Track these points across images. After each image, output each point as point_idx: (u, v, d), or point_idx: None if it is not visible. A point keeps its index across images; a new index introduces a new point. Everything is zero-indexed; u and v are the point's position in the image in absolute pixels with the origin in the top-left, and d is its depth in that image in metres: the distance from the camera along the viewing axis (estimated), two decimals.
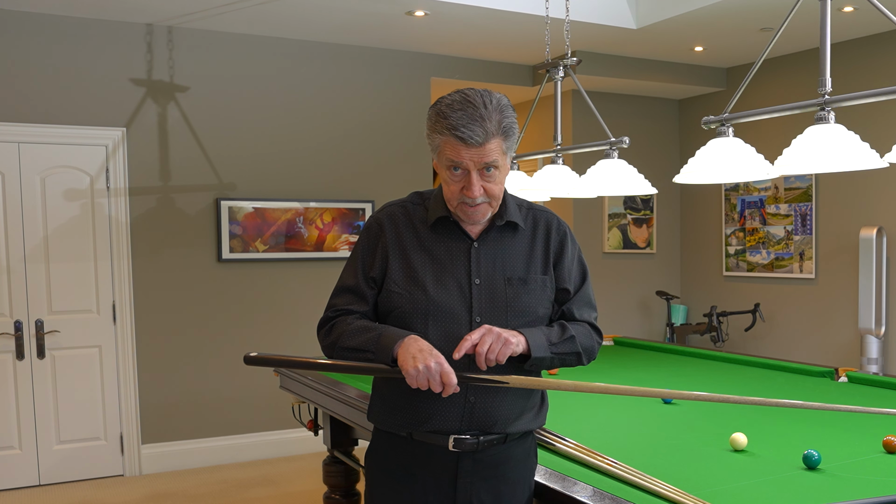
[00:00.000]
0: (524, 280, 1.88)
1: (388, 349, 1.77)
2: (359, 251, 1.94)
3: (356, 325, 1.86)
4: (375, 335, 1.81)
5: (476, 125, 1.73)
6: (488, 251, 1.88)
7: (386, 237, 1.90)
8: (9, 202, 4.73)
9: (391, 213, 1.94)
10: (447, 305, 1.83)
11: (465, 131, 1.73)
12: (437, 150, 1.81)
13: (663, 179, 6.29)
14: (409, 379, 1.72)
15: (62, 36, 4.82)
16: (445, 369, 1.72)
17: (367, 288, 1.90)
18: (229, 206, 5.26)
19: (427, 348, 1.74)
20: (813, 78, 2.83)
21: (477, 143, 1.74)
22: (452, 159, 1.77)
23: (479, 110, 1.74)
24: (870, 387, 3.18)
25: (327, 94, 5.57)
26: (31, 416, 4.80)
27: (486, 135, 1.74)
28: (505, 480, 1.90)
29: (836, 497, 1.83)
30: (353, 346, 1.83)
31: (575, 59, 3.87)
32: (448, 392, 1.74)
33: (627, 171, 3.66)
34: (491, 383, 1.79)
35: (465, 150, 1.75)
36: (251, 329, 5.37)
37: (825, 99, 2.52)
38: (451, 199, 1.83)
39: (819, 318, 5.97)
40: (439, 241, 1.89)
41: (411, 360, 1.71)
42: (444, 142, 1.77)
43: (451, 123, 1.74)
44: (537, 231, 1.94)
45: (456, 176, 1.80)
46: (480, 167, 1.77)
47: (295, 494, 4.64)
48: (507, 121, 1.78)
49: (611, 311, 6.69)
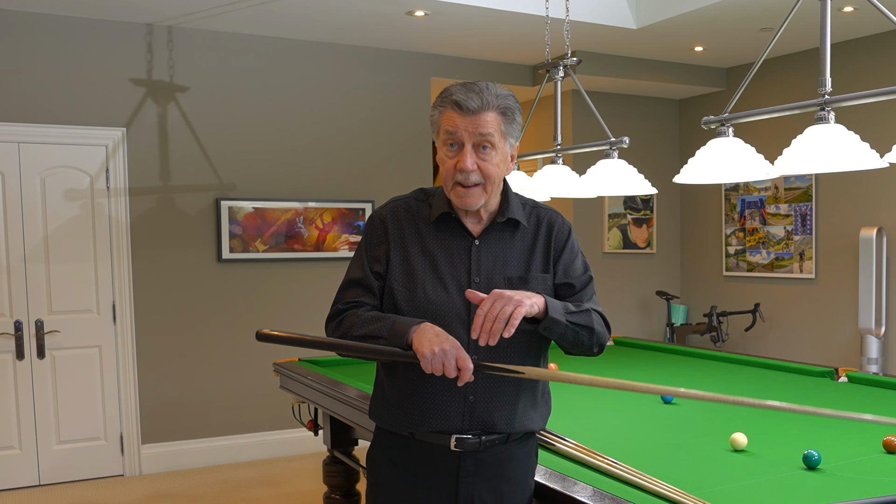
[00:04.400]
0: (524, 279, 1.88)
1: (402, 334, 1.75)
2: (363, 246, 1.94)
3: (368, 315, 1.85)
4: (389, 322, 1.80)
5: (473, 94, 1.78)
6: (489, 249, 1.88)
7: (389, 233, 1.90)
8: (9, 202, 4.73)
9: (394, 208, 1.94)
10: (445, 305, 1.83)
11: (460, 97, 1.78)
12: (437, 129, 1.83)
13: (663, 179, 6.29)
14: (424, 362, 1.70)
15: (62, 36, 4.82)
16: (461, 354, 1.70)
17: (374, 281, 1.90)
18: (229, 206, 5.26)
19: (443, 333, 1.73)
20: (813, 78, 2.84)
21: (472, 110, 1.77)
22: (447, 129, 1.80)
23: (480, 86, 1.81)
24: (870, 387, 3.18)
25: (327, 94, 5.57)
26: (31, 416, 4.80)
27: (483, 104, 1.77)
28: (506, 480, 1.90)
29: (836, 497, 1.83)
30: (365, 333, 1.81)
31: (575, 59, 3.87)
32: (464, 378, 1.70)
33: (627, 171, 3.66)
34: (507, 372, 1.76)
35: (461, 118, 1.77)
36: (251, 329, 5.37)
37: (825, 99, 2.52)
38: (447, 181, 1.83)
39: (819, 318, 5.97)
40: (441, 238, 1.88)
41: (427, 344, 1.69)
42: (442, 114, 1.81)
43: (450, 93, 1.80)
44: (540, 229, 1.93)
45: (451, 152, 1.81)
46: (475, 139, 1.78)
47: (295, 494, 4.64)
48: (505, 102, 1.81)
49: (611, 311, 6.69)
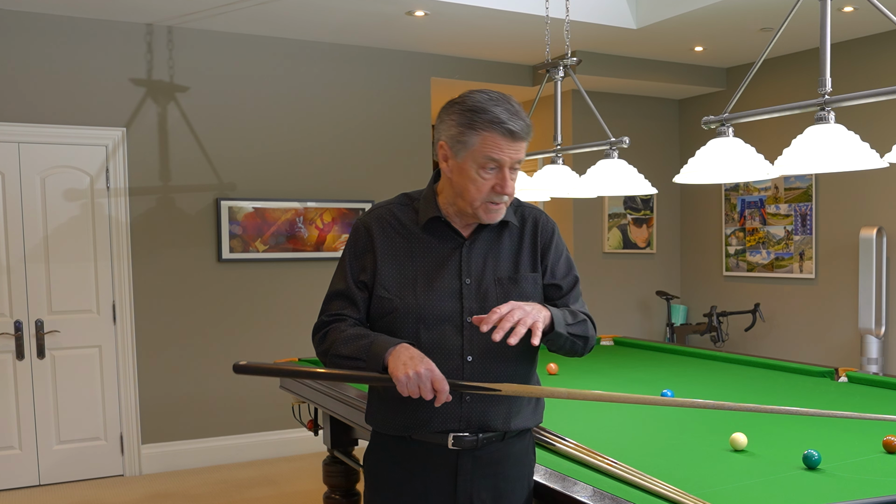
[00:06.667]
0: (514, 279, 1.88)
1: (378, 357, 1.75)
2: (347, 256, 1.92)
3: (349, 332, 1.84)
4: (367, 343, 1.79)
5: (520, 119, 1.75)
6: (479, 250, 1.88)
7: (374, 241, 1.88)
8: (9, 202, 4.73)
9: (379, 215, 1.91)
10: (437, 309, 1.83)
11: (513, 125, 1.73)
12: (471, 149, 1.76)
13: (663, 179, 6.29)
14: (399, 386, 1.70)
15: (62, 36, 4.82)
16: (437, 376, 1.70)
17: (357, 292, 1.89)
18: (229, 206, 5.26)
19: (418, 356, 1.72)
20: (813, 78, 2.83)
21: (521, 138, 1.75)
22: (492, 156, 1.75)
23: (515, 106, 1.76)
24: (870, 387, 3.17)
25: (327, 94, 5.57)
26: (31, 416, 4.80)
27: (525, 130, 1.76)
28: (504, 478, 1.90)
29: (836, 497, 1.82)
30: (346, 353, 1.81)
31: (575, 59, 3.87)
32: (440, 400, 1.72)
33: (627, 171, 3.66)
34: (483, 391, 1.78)
35: (508, 145, 1.75)
36: (251, 329, 5.37)
37: (825, 99, 2.52)
38: (476, 200, 1.79)
39: (819, 318, 5.97)
40: (430, 242, 1.88)
41: (402, 367, 1.69)
42: (484, 138, 1.74)
43: (497, 117, 1.73)
44: (525, 228, 1.93)
45: (489, 174, 1.77)
46: (512, 164, 1.78)
47: (295, 494, 4.64)
48: (530, 125, 1.80)
49: (611, 311, 6.70)
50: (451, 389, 1.73)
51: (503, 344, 1.74)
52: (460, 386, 1.76)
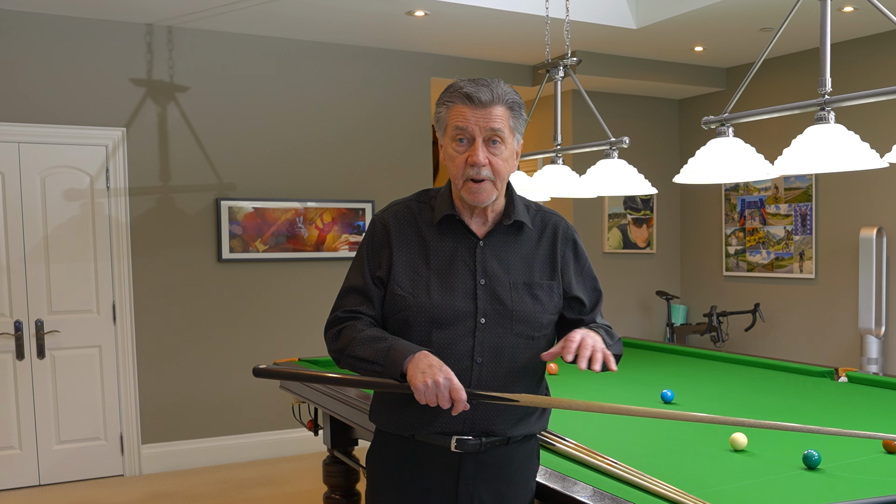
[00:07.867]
0: (530, 285, 1.86)
1: (397, 363, 1.74)
2: (364, 251, 1.91)
3: (366, 333, 1.82)
4: (385, 346, 1.77)
5: (483, 87, 1.78)
6: (494, 251, 1.86)
7: (391, 237, 1.87)
8: (9, 202, 4.73)
9: (396, 212, 1.91)
10: (451, 308, 1.81)
11: (470, 89, 1.77)
12: (444, 125, 1.82)
13: (663, 179, 6.29)
14: (417, 394, 1.69)
15: (62, 36, 4.82)
16: (455, 385, 1.69)
17: (374, 288, 1.88)
18: (229, 206, 5.26)
19: (437, 364, 1.71)
20: (813, 78, 2.83)
21: (483, 103, 1.76)
22: (458, 125, 1.78)
23: (486, 80, 1.81)
24: (870, 387, 3.18)
25: (327, 94, 5.57)
26: (31, 416, 4.80)
27: (493, 97, 1.77)
28: (507, 482, 1.89)
29: (836, 497, 1.83)
30: (363, 356, 1.80)
31: (575, 59, 3.86)
32: (458, 409, 1.70)
33: (627, 171, 3.66)
34: (501, 401, 1.76)
35: (471, 111, 1.77)
36: (251, 329, 5.37)
37: (825, 99, 2.52)
38: (457, 178, 1.81)
39: (819, 318, 5.97)
40: (444, 240, 1.86)
41: (420, 376, 1.68)
42: (450, 110, 1.80)
43: (459, 86, 1.79)
44: (544, 233, 1.92)
45: (461, 147, 1.79)
46: (486, 134, 1.77)
47: (295, 494, 4.64)
48: (512, 96, 1.81)
49: (611, 311, 6.69)
50: (469, 399, 1.72)
51: (513, 347, 1.80)
52: (478, 395, 1.75)
